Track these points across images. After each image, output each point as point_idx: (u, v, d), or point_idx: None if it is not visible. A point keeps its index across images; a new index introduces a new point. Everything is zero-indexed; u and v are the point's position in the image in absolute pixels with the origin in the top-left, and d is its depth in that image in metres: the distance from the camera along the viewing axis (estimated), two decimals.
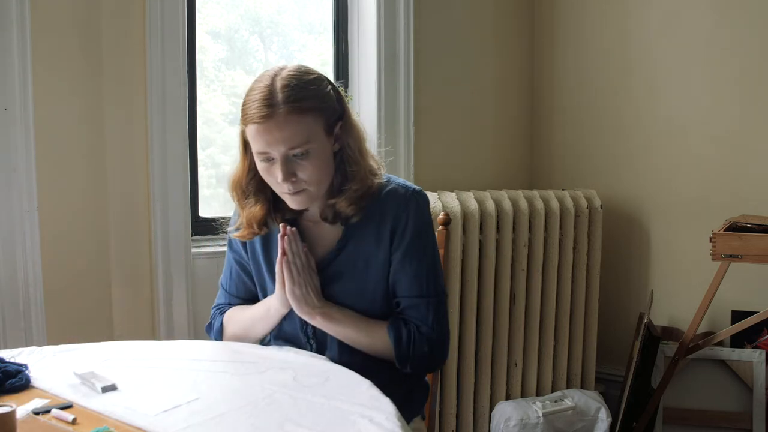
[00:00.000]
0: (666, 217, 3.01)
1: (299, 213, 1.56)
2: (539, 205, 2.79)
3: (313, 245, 1.55)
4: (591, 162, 3.21)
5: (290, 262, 1.49)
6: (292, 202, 1.49)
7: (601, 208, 2.93)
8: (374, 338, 1.51)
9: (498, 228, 2.72)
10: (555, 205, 2.82)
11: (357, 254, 1.53)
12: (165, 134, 2.21)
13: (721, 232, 2.42)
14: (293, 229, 1.51)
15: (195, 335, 2.27)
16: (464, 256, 2.63)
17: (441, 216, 1.82)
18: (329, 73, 2.84)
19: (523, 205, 2.76)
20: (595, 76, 3.18)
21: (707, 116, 2.88)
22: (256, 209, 1.54)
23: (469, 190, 2.76)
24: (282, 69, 1.45)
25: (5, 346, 1.90)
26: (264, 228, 1.56)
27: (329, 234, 1.55)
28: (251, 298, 1.67)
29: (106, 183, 2.15)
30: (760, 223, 2.42)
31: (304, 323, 1.55)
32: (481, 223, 2.67)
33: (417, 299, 1.51)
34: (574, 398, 2.78)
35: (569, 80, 3.26)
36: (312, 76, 1.46)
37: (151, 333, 2.23)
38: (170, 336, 2.23)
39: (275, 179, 1.45)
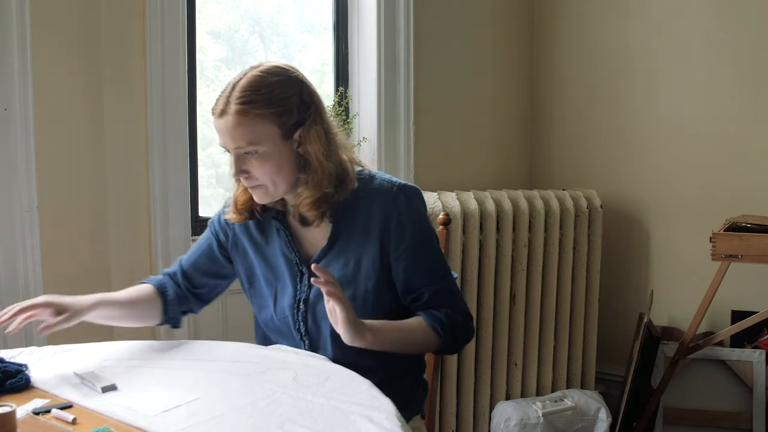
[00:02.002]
0: (666, 217, 3.01)
1: (285, 209, 1.56)
2: (539, 205, 2.79)
3: (301, 244, 1.55)
4: (591, 162, 3.21)
5: (336, 295, 1.34)
6: (254, 195, 1.51)
7: (601, 208, 2.93)
8: (416, 333, 1.48)
9: (498, 228, 2.72)
10: (555, 205, 2.82)
11: (347, 252, 1.52)
12: (165, 134, 2.21)
13: (721, 232, 2.42)
14: (316, 265, 1.36)
15: (195, 335, 2.27)
16: (464, 256, 2.63)
17: (441, 216, 1.82)
18: (329, 73, 2.85)
19: (523, 205, 2.76)
20: (595, 76, 3.18)
21: (707, 116, 2.88)
22: (239, 192, 1.57)
23: (469, 190, 2.75)
24: (258, 66, 1.46)
25: (5, 346, 1.90)
26: (246, 213, 1.57)
27: (317, 232, 1.54)
28: (203, 278, 1.68)
29: (106, 183, 2.15)
30: (760, 223, 2.42)
31: (297, 321, 1.55)
32: (481, 223, 2.67)
33: (439, 284, 1.52)
34: (574, 398, 2.78)
35: (569, 80, 3.26)
36: (276, 79, 1.44)
37: (151, 333, 2.23)
38: (170, 336, 2.22)
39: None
